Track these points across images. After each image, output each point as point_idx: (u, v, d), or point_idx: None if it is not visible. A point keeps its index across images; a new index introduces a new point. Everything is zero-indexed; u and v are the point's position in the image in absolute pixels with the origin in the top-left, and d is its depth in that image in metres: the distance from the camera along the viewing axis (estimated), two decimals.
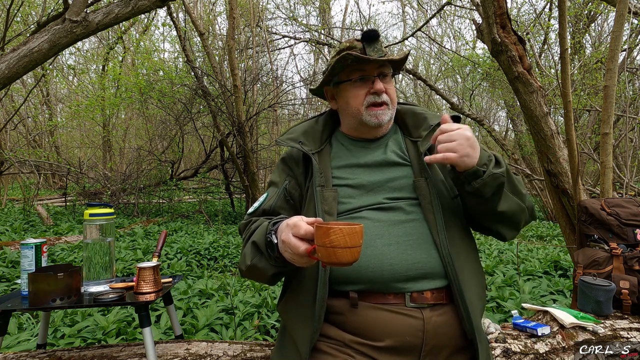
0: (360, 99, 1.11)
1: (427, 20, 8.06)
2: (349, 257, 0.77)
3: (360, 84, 1.11)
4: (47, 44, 3.08)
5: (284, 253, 0.89)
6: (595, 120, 7.39)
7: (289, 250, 0.86)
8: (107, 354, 1.37)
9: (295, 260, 0.86)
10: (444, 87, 17.28)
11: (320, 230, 0.77)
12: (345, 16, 17.16)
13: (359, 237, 0.77)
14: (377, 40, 1.08)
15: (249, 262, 0.99)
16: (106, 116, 12.86)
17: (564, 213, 2.46)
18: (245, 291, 3.14)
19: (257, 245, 0.98)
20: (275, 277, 1.01)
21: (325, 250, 0.77)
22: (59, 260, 3.86)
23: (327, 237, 0.76)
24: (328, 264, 0.79)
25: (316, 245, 0.79)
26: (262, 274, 0.99)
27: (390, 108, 1.13)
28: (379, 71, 1.10)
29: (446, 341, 0.98)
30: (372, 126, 1.12)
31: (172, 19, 7.65)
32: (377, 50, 1.07)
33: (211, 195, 10.04)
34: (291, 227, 0.86)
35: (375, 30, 1.06)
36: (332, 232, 0.75)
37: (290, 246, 0.85)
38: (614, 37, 2.20)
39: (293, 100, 12.22)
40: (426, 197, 1.05)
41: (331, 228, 0.76)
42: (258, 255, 0.98)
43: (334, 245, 0.76)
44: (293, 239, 0.84)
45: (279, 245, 0.91)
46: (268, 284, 1.06)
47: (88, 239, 1.44)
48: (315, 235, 0.79)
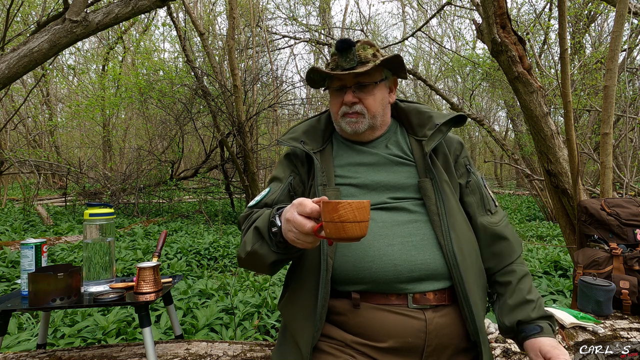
0: (337, 108, 1.13)
1: (427, 20, 8.05)
2: (358, 232, 0.77)
3: (338, 94, 1.13)
4: (47, 44, 3.08)
5: (288, 234, 0.86)
6: (595, 120, 7.40)
7: (293, 230, 0.83)
8: (107, 354, 1.37)
9: (300, 239, 0.83)
10: (444, 87, 17.30)
11: (329, 206, 0.76)
12: (345, 16, 17.18)
13: (367, 212, 0.77)
14: (349, 50, 1.06)
15: (249, 249, 0.97)
16: (106, 116, 12.86)
17: (564, 213, 2.46)
18: (245, 291, 3.14)
19: (259, 230, 0.96)
20: (275, 265, 0.98)
21: (334, 226, 0.76)
22: (59, 260, 3.86)
23: (336, 212, 0.75)
24: (336, 240, 0.78)
25: (324, 222, 0.78)
26: (261, 261, 0.96)
27: (367, 117, 1.11)
28: (356, 81, 1.10)
29: (448, 342, 0.98)
30: (349, 133, 1.14)
31: (172, 19, 7.65)
32: (349, 61, 1.07)
33: (211, 195, 10.03)
34: (296, 205, 0.84)
35: (347, 40, 1.06)
36: (341, 207, 0.75)
37: (295, 224, 0.82)
38: (614, 37, 2.20)
39: (293, 100, 12.23)
40: (431, 198, 1.05)
41: (340, 203, 0.75)
42: (259, 241, 0.96)
43: (343, 220, 0.75)
44: (299, 217, 0.82)
45: (282, 226, 0.88)
46: (266, 274, 1.03)
47: (88, 239, 1.44)
48: (322, 211, 0.78)
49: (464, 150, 1.18)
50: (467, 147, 1.23)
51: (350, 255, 1.00)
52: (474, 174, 1.16)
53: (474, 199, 1.13)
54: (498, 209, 1.17)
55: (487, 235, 1.11)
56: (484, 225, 1.11)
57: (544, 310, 1.06)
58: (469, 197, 1.13)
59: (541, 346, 0.99)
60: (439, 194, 1.04)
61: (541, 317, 1.05)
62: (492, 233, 1.11)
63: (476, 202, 1.13)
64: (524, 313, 1.04)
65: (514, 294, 1.07)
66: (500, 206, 1.21)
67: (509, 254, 1.11)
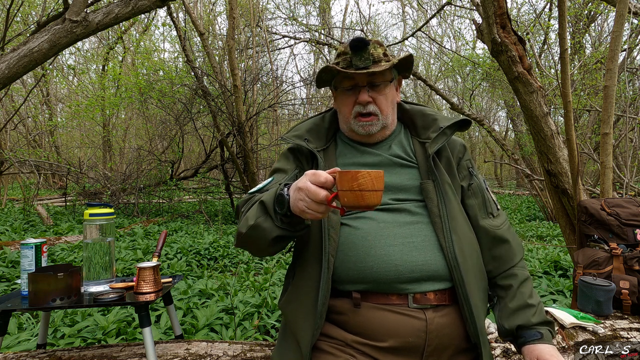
0: (349, 108, 1.11)
1: (427, 20, 8.05)
2: (375, 200, 0.80)
3: (350, 93, 1.11)
4: (47, 44, 3.08)
5: (298, 203, 0.84)
6: (595, 120, 7.39)
7: (305, 199, 0.83)
8: (107, 354, 1.37)
9: (311, 209, 0.83)
10: (444, 87, 17.31)
11: (349, 175, 0.79)
12: (345, 16, 17.19)
13: (382, 182, 0.81)
14: (364, 49, 1.05)
15: (252, 222, 0.94)
16: (106, 116, 12.86)
17: (564, 213, 2.46)
18: (245, 291, 3.14)
19: (264, 204, 0.94)
20: (276, 243, 0.95)
21: (353, 194, 0.79)
22: (59, 260, 3.86)
23: (356, 180, 0.78)
24: (352, 208, 0.82)
25: (341, 191, 0.80)
26: (264, 235, 0.94)
27: (381, 118, 1.11)
28: (369, 80, 1.08)
29: (449, 342, 0.98)
30: (362, 135, 1.13)
31: (172, 19, 7.64)
32: (364, 60, 1.05)
33: (211, 195, 10.02)
34: (310, 175, 0.84)
35: (362, 39, 1.04)
36: (360, 176, 0.78)
37: (309, 192, 0.82)
38: (614, 37, 2.20)
39: (293, 100, 12.23)
40: (433, 200, 1.05)
41: (359, 172, 0.79)
42: (264, 215, 0.94)
43: (362, 188, 0.78)
44: (312, 186, 0.82)
45: (291, 196, 0.87)
46: (264, 254, 1.01)
47: (88, 239, 1.44)
48: (340, 180, 0.80)
49: (467, 153, 1.18)
50: (469, 150, 1.23)
51: (351, 254, 1.00)
52: (477, 177, 1.16)
53: (476, 202, 1.13)
54: (500, 212, 1.16)
55: (488, 238, 1.11)
56: (486, 228, 1.11)
57: (545, 316, 1.06)
58: (471, 199, 1.13)
59: (539, 354, 1.00)
60: (441, 196, 1.04)
61: (541, 322, 1.05)
62: (493, 236, 1.11)
63: (478, 204, 1.13)
64: (524, 317, 1.04)
65: (514, 298, 1.07)
66: (502, 209, 1.20)
67: (511, 257, 1.11)
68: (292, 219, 0.90)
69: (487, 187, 1.17)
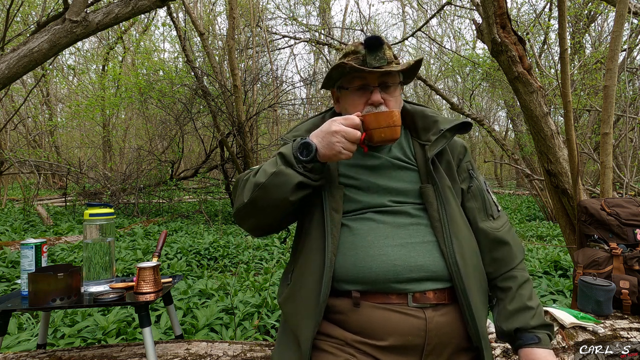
0: (359, 109, 1.08)
1: (427, 20, 8.06)
2: (399, 133, 1.02)
3: (360, 93, 1.08)
4: (47, 44, 3.08)
5: (333, 146, 0.94)
6: (595, 120, 7.39)
7: (342, 140, 0.93)
8: (107, 354, 1.37)
9: (347, 149, 0.94)
10: (444, 87, 17.31)
11: (384, 114, 0.99)
12: (345, 16, 17.22)
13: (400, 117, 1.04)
14: (380, 48, 1.03)
15: (275, 169, 0.95)
16: (106, 116, 12.86)
17: (564, 213, 2.46)
18: (245, 291, 3.14)
19: (283, 155, 0.97)
20: (298, 190, 0.96)
21: (390, 130, 0.99)
22: (59, 260, 3.86)
23: (391, 117, 0.99)
24: (385, 142, 1.02)
25: (377, 129, 0.98)
26: (286, 182, 0.95)
27: None
28: (381, 80, 1.06)
29: (448, 341, 0.98)
30: None
31: (172, 19, 7.65)
32: (379, 59, 1.03)
33: (211, 195, 10.02)
34: (342, 120, 0.96)
35: (378, 37, 1.02)
36: (393, 114, 0.99)
37: (347, 134, 0.93)
38: (614, 37, 2.20)
39: (293, 100, 12.24)
40: (433, 204, 1.04)
41: (391, 111, 1.00)
42: (284, 164, 0.96)
43: (396, 123, 1.00)
44: (349, 128, 0.94)
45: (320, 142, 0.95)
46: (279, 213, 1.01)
47: (88, 239, 1.44)
48: (377, 120, 0.98)
49: (467, 154, 1.17)
50: (470, 151, 1.22)
51: (350, 254, 1.00)
52: (477, 179, 1.15)
53: (476, 204, 1.13)
54: (501, 214, 1.16)
55: (488, 240, 1.10)
56: (485, 231, 1.10)
57: (544, 319, 1.06)
58: (471, 202, 1.13)
59: (535, 358, 1.00)
60: (441, 201, 1.04)
61: (540, 325, 1.04)
62: (493, 238, 1.10)
63: (478, 207, 1.13)
64: (522, 320, 1.04)
65: (513, 300, 1.07)
66: (503, 211, 1.20)
67: (510, 259, 1.11)
68: (315, 164, 0.96)
69: (487, 188, 1.17)
